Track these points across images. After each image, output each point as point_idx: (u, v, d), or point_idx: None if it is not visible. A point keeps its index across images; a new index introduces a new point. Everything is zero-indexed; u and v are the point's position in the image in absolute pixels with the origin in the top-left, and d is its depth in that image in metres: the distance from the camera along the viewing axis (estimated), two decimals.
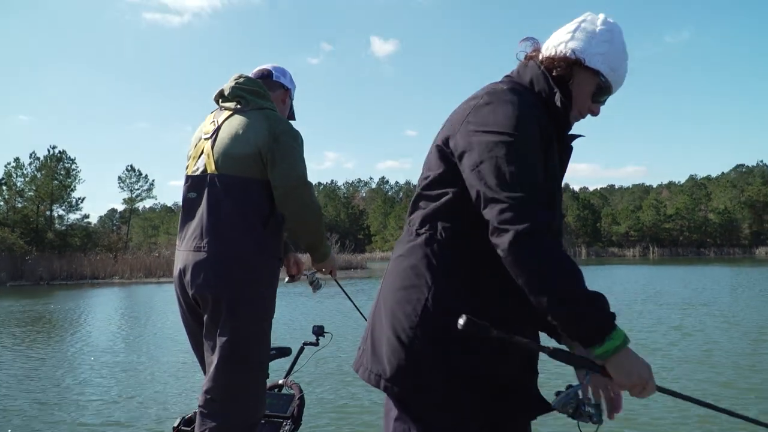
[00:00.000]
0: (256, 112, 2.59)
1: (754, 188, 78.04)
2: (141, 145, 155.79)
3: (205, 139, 2.62)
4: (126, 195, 49.78)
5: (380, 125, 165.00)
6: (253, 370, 2.53)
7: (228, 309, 2.44)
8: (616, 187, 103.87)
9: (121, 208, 65.04)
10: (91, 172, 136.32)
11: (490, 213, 1.42)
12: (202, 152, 2.61)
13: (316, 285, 3.14)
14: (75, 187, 40.03)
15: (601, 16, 1.65)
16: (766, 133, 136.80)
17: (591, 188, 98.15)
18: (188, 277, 2.49)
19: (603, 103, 1.70)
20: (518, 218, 1.38)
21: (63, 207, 39.77)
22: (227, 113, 2.63)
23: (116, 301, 19.22)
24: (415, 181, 1.52)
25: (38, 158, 39.10)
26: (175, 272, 2.61)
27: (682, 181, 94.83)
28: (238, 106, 2.62)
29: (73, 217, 40.50)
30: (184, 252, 2.55)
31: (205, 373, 2.60)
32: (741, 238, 76.38)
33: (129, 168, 50.25)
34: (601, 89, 1.64)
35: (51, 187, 38.18)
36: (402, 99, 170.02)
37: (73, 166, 40.10)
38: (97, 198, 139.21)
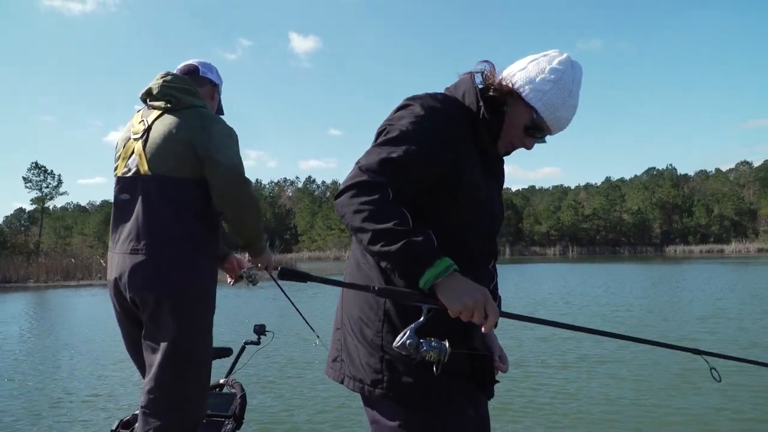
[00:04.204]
0: (188, 110, 2.56)
1: (664, 190, 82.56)
2: (45, 140, 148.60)
3: (135, 139, 2.56)
4: (34, 194, 47.18)
5: (303, 124, 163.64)
6: (195, 368, 2.52)
7: (169, 309, 2.42)
8: (537, 188, 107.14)
9: (29, 207, 61.65)
10: None
11: None
12: (133, 152, 2.55)
13: (252, 280, 3.14)
14: None
15: (562, 56, 1.66)
16: (675, 138, 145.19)
17: (513, 189, 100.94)
18: (125, 279, 2.44)
19: (540, 140, 1.72)
20: (353, 177, 1.50)
21: None
22: (157, 112, 2.58)
23: (33, 306, 18.26)
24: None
25: None
26: (110, 276, 2.56)
27: (599, 182, 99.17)
28: (168, 105, 2.57)
29: None
30: (119, 255, 2.50)
31: (143, 374, 2.58)
32: (653, 237, 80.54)
33: (34, 165, 47.56)
34: (534, 125, 1.66)
35: None
36: (325, 97, 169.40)
37: None
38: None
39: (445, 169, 1.58)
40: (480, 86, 1.69)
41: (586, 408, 5.43)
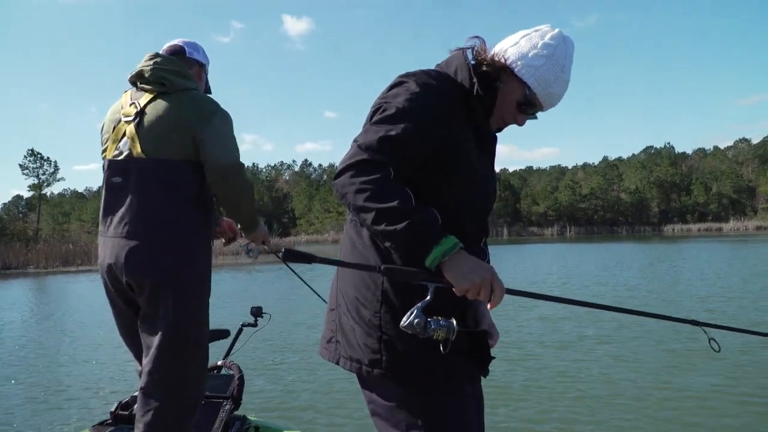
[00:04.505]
0: (181, 93, 2.52)
1: (662, 169, 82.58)
2: (41, 126, 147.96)
3: (127, 122, 2.52)
4: (32, 181, 47.12)
5: (298, 107, 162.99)
6: (194, 350, 2.52)
7: (166, 293, 2.41)
8: (534, 168, 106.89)
9: (26, 194, 61.54)
10: None
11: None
12: (124, 135, 2.51)
13: (252, 254, 3.18)
14: None
15: (554, 32, 1.65)
16: (672, 116, 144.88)
17: (511, 169, 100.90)
18: (120, 263, 2.42)
19: (532, 116, 1.70)
20: (353, 156, 1.47)
21: None
22: (149, 95, 2.54)
23: (32, 292, 18.29)
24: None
25: None
26: (103, 260, 2.53)
27: (596, 162, 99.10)
28: (161, 89, 2.53)
29: None
30: (112, 239, 2.48)
31: (136, 357, 2.59)
32: (650, 216, 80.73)
33: (30, 152, 47.52)
34: (527, 101, 1.65)
35: None
36: (319, 80, 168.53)
37: None
38: None
39: (438, 146, 1.56)
40: (472, 62, 1.67)
41: (587, 388, 5.44)
